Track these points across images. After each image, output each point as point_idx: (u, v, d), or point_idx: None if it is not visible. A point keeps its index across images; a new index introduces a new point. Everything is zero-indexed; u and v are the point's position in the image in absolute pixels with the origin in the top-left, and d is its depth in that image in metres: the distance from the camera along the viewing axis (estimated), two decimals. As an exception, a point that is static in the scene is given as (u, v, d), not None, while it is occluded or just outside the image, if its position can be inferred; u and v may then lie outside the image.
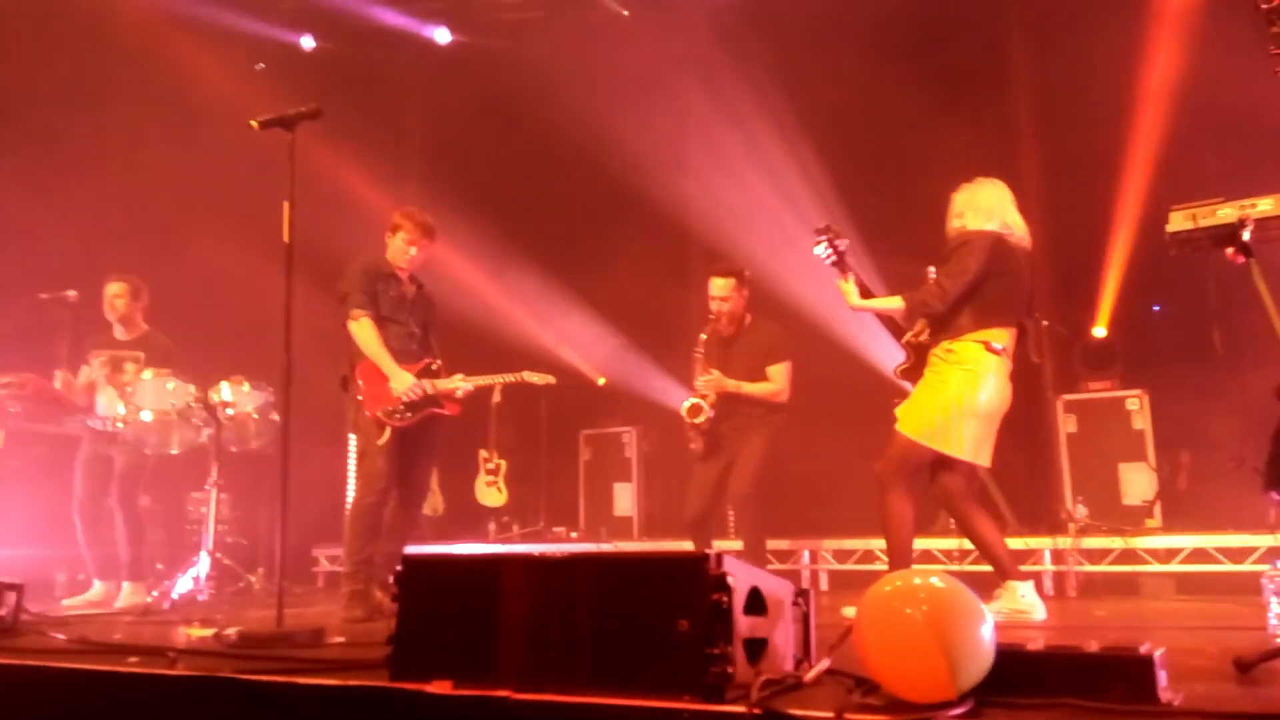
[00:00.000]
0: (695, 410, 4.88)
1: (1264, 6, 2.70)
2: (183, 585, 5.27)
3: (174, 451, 5.54)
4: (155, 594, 5.33)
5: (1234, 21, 2.93)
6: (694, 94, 7.55)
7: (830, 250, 4.07)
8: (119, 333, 5.68)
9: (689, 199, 7.92)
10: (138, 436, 5.39)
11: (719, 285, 4.94)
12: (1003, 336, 3.76)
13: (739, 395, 4.89)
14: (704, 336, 5.03)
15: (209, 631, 3.65)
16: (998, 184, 3.95)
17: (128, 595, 5.30)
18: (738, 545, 5.02)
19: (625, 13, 8.02)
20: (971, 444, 3.75)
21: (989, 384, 3.72)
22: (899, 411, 3.87)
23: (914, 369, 3.97)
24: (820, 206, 6.81)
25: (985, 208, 3.87)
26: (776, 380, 4.94)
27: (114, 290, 5.64)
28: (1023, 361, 5.73)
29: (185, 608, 5.01)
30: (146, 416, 5.36)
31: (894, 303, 3.96)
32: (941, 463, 3.81)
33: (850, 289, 4.05)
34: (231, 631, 3.26)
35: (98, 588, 5.46)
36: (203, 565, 5.23)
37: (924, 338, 3.96)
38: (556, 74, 8.07)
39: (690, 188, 7.88)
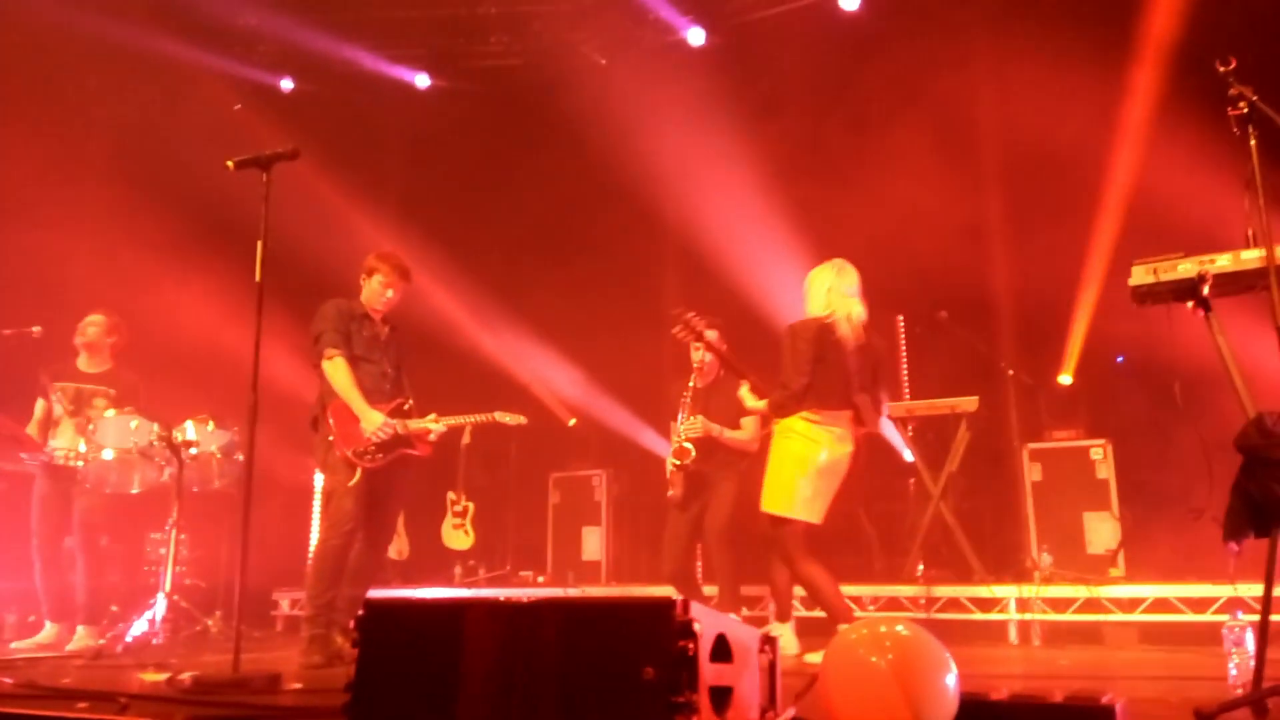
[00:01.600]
0: (683, 453, 4.93)
1: (1221, 69, 2.80)
2: (138, 628, 5.14)
3: (135, 491, 5.44)
4: (109, 637, 5.20)
5: (1198, 82, 3.02)
6: (671, 139, 7.65)
7: (686, 332, 4.64)
8: (84, 364, 5.60)
9: (664, 243, 8.00)
10: (98, 475, 5.30)
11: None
12: (818, 414, 4.19)
13: (718, 442, 4.97)
14: (691, 384, 5.12)
15: (163, 676, 3.57)
16: (834, 268, 4.37)
17: (81, 638, 5.17)
18: (713, 590, 5.03)
19: (603, 61, 8.15)
20: (801, 502, 4.16)
21: (808, 446, 4.17)
22: (763, 496, 4.27)
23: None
24: (793, 246, 6.91)
25: (815, 294, 4.32)
26: (748, 430, 5.03)
27: (92, 320, 5.59)
28: (987, 410, 5.84)
29: (140, 651, 4.88)
30: (108, 455, 5.28)
31: (763, 404, 4.42)
32: (774, 521, 4.22)
33: (746, 396, 4.51)
34: (186, 676, 3.20)
35: (49, 629, 5.32)
36: (159, 608, 5.11)
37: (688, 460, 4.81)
38: (534, 119, 8.18)
39: (666, 232, 7.96)
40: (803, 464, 4.18)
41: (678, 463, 4.94)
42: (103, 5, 6.73)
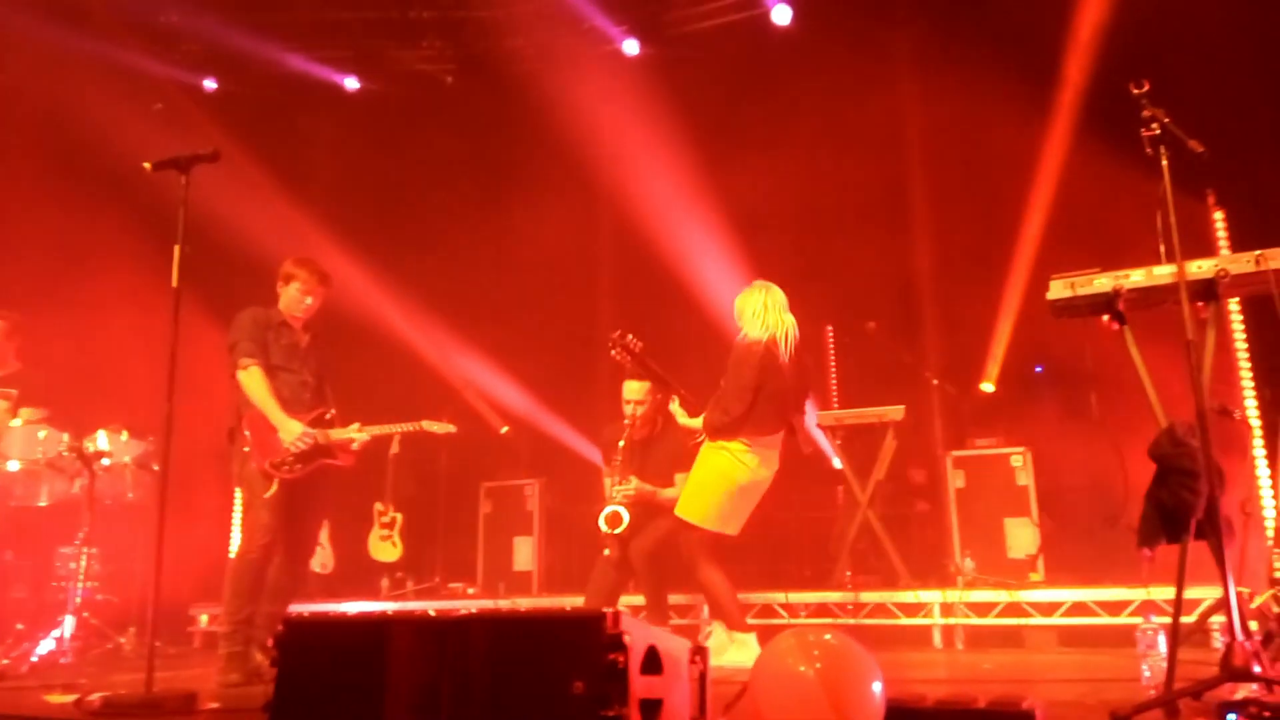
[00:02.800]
0: (615, 519, 4.77)
1: (1135, 91, 2.90)
2: (44, 647, 4.93)
3: (42, 503, 5.22)
4: (13, 656, 4.96)
5: (1113, 105, 3.13)
6: (604, 147, 7.66)
7: (623, 354, 4.56)
8: None
9: (598, 250, 8.00)
10: (3, 487, 5.07)
11: (634, 389, 4.93)
12: (756, 440, 4.25)
13: (652, 500, 4.85)
14: (622, 444, 4.95)
15: (71, 698, 3.42)
16: (764, 287, 4.43)
17: (-18, 658, 4.93)
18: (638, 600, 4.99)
19: (537, 68, 8.11)
20: (719, 517, 4.24)
21: (737, 465, 4.22)
22: (679, 503, 4.33)
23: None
24: (724, 257, 6.97)
25: (750, 313, 4.34)
26: (680, 487, 4.85)
27: None
28: (912, 418, 5.96)
29: (46, 671, 4.69)
30: (13, 466, 5.06)
31: (696, 423, 4.40)
32: (682, 525, 4.29)
33: (678, 412, 4.51)
34: (95, 697, 3.07)
35: (-51, 650, 5.06)
36: (68, 625, 4.90)
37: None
38: (465, 124, 8.11)
39: (599, 239, 7.96)
40: (728, 481, 4.23)
41: (610, 530, 4.78)
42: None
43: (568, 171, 7.61)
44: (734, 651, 4.15)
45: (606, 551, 4.85)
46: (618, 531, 4.77)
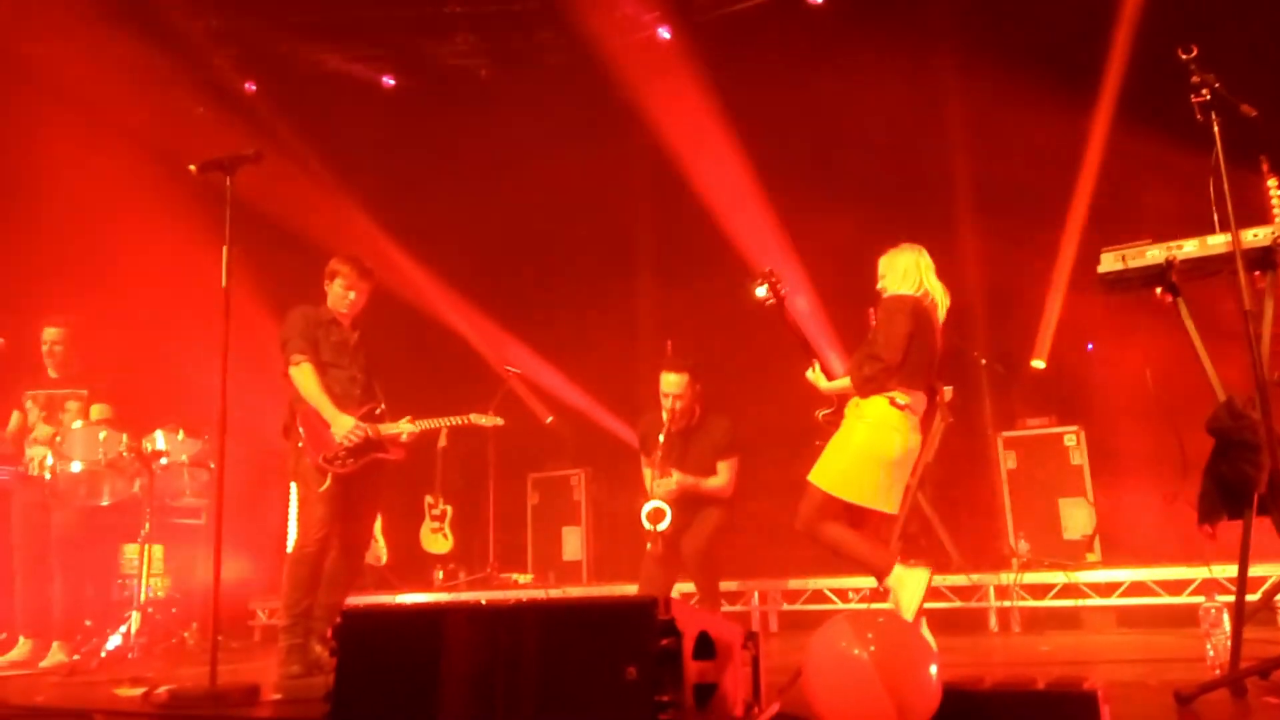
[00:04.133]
0: (658, 515, 4.77)
1: (1184, 56, 2.82)
2: (112, 642, 5.07)
3: (104, 503, 5.36)
4: (83, 652, 5.12)
5: (1163, 68, 3.05)
6: (642, 137, 7.65)
7: (770, 294, 4.28)
8: (54, 371, 5.52)
9: (642, 238, 8.00)
10: (67, 488, 5.22)
11: (672, 382, 4.89)
12: (907, 395, 3.96)
13: (695, 491, 4.86)
14: (662, 439, 4.91)
15: (138, 691, 3.52)
16: (916, 249, 4.20)
17: (55, 654, 5.08)
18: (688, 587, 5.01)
19: (565, 57, 8.11)
20: (878, 491, 3.93)
21: (892, 435, 3.93)
22: (814, 467, 4.01)
23: (836, 414, 4.21)
24: (766, 242, 6.92)
25: (902, 271, 4.11)
26: (723, 476, 4.94)
27: (52, 335, 5.50)
28: (960, 400, 5.87)
29: (114, 666, 4.82)
30: (76, 467, 5.20)
31: (845, 382, 4.13)
32: (854, 512, 3.97)
33: (818, 377, 4.27)
34: (162, 690, 3.15)
35: (23, 646, 5.24)
36: (134, 621, 5.04)
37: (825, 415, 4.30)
38: (501, 116, 8.14)
39: (643, 227, 7.96)
40: (874, 453, 3.93)
41: (652, 527, 4.76)
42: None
43: (609, 160, 7.61)
44: (905, 595, 3.77)
45: (649, 546, 4.84)
46: (660, 528, 4.75)
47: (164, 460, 5.40)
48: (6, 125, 6.76)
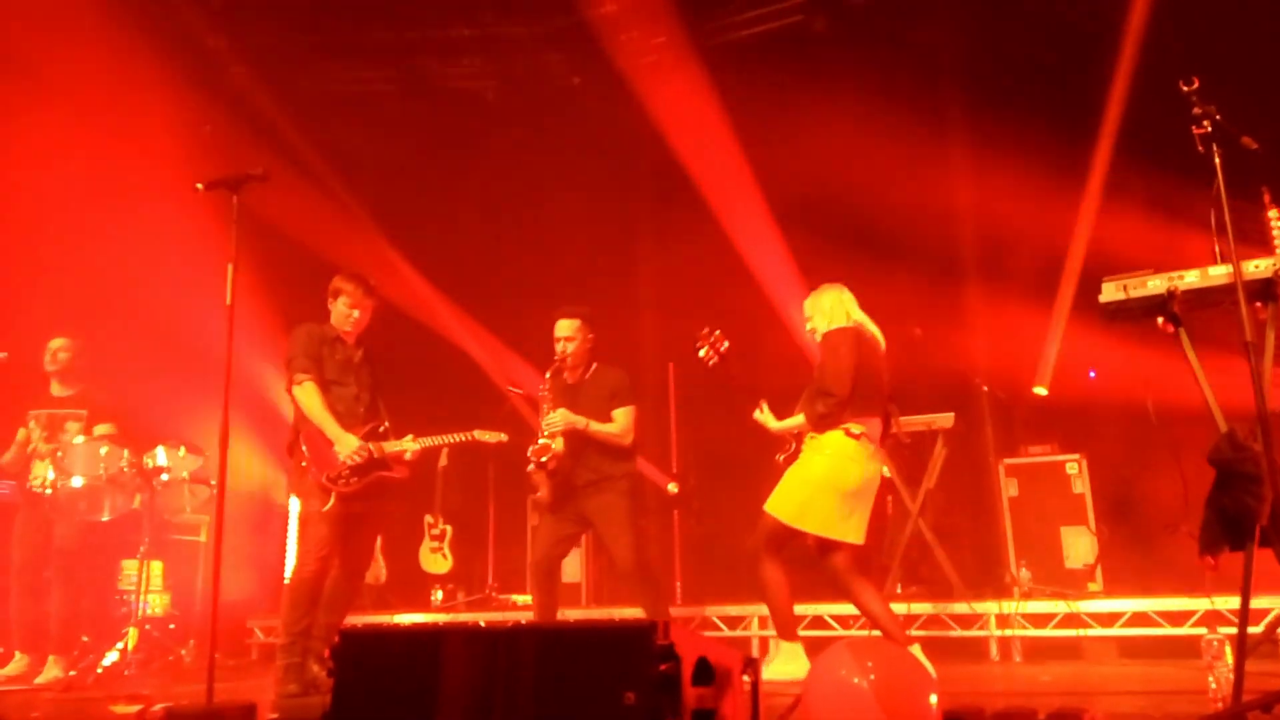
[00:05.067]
0: (543, 451, 4.62)
1: (1185, 89, 2.85)
2: (109, 659, 5.05)
3: (105, 518, 5.36)
4: (80, 668, 5.09)
5: (1160, 103, 3.08)
6: (644, 156, 7.71)
7: (711, 353, 4.41)
8: (57, 389, 5.54)
9: (644, 257, 8.03)
10: (68, 503, 5.22)
11: (564, 326, 4.80)
12: (861, 425, 4.03)
13: (586, 439, 4.68)
14: (548, 376, 4.77)
15: (134, 708, 3.51)
16: (836, 287, 4.32)
17: (51, 669, 5.06)
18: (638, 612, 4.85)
19: (576, 80, 8.18)
20: (838, 522, 3.97)
21: (850, 466, 3.99)
22: (771, 497, 4.08)
23: (794, 455, 4.25)
24: (773, 271, 6.95)
25: (828, 309, 4.22)
26: (620, 421, 4.72)
27: (58, 344, 5.52)
28: (962, 426, 5.88)
29: (111, 683, 4.80)
30: (77, 482, 5.20)
31: (799, 420, 4.20)
32: (822, 545, 4.04)
33: (767, 418, 4.31)
34: (158, 708, 3.14)
35: (19, 661, 5.21)
36: (131, 637, 5.02)
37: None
38: (507, 137, 8.20)
39: (645, 246, 8.00)
40: (833, 485, 3.99)
41: (538, 462, 4.61)
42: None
43: (615, 180, 7.66)
44: (780, 662, 4.02)
45: (538, 494, 4.75)
46: (545, 461, 4.60)
47: (165, 476, 5.40)
48: (13, 140, 6.80)
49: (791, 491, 4.03)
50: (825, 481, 3.98)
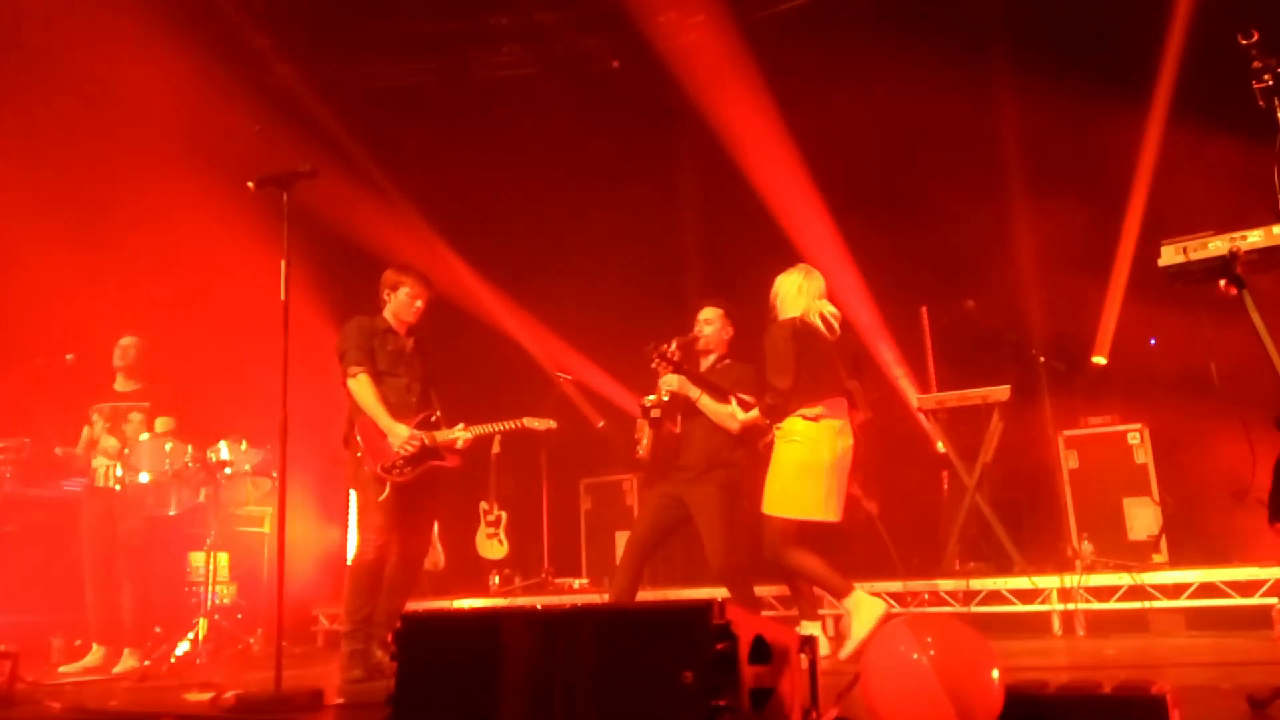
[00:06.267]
0: (655, 403, 4.64)
1: (1244, 42, 2.75)
2: (181, 648, 5.21)
3: (171, 513, 5.51)
4: (154, 658, 5.26)
5: (1218, 59, 2.98)
6: (686, 137, 7.67)
7: (666, 365, 4.49)
8: (121, 384, 5.69)
9: (691, 239, 8.01)
10: (136, 498, 5.37)
11: (707, 311, 4.83)
12: (815, 409, 4.16)
13: (697, 419, 4.60)
14: (675, 344, 4.64)
15: (207, 695, 3.61)
16: (803, 270, 4.40)
17: (127, 660, 5.23)
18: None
19: (615, 63, 8.16)
20: (821, 501, 4.13)
21: (819, 446, 4.14)
22: (763, 499, 4.22)
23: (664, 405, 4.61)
24: (817, 243, 6.88)
25: (784, 296, 4.35)
26: (739, 411, 4.51)
27: (128, 341, 5.67)
28: (1019, 398, 5.77)
29: (184, 671, 4.95)
30: (144, 478, 5.35)
31: (754, 413, 4.38)
32: (770, 520, 4.17)
33: (735, 410, 4.42)
34: (230, 695, 3.22)
35: (96, 653, 5.39)
36: (201, 628, 5.16)
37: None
38: (550, 123, 8.21)
39: (692, 229, 7.98)
40: (810, 467, 4.12)
41: (650, 402, 4.61)
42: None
43: (660, 163, 7.63)
44: (856, 622, 3.98)
45: (640, 452, 4.74)
46: (648, 402, 4.64)
47: (228, 470, 5.53)
48: (78, 145, 6.98)
49: (777, 486, 4.18)
50: (803, 465, 4.13)
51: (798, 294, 4.31)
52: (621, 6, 7.56)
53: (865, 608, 3.98)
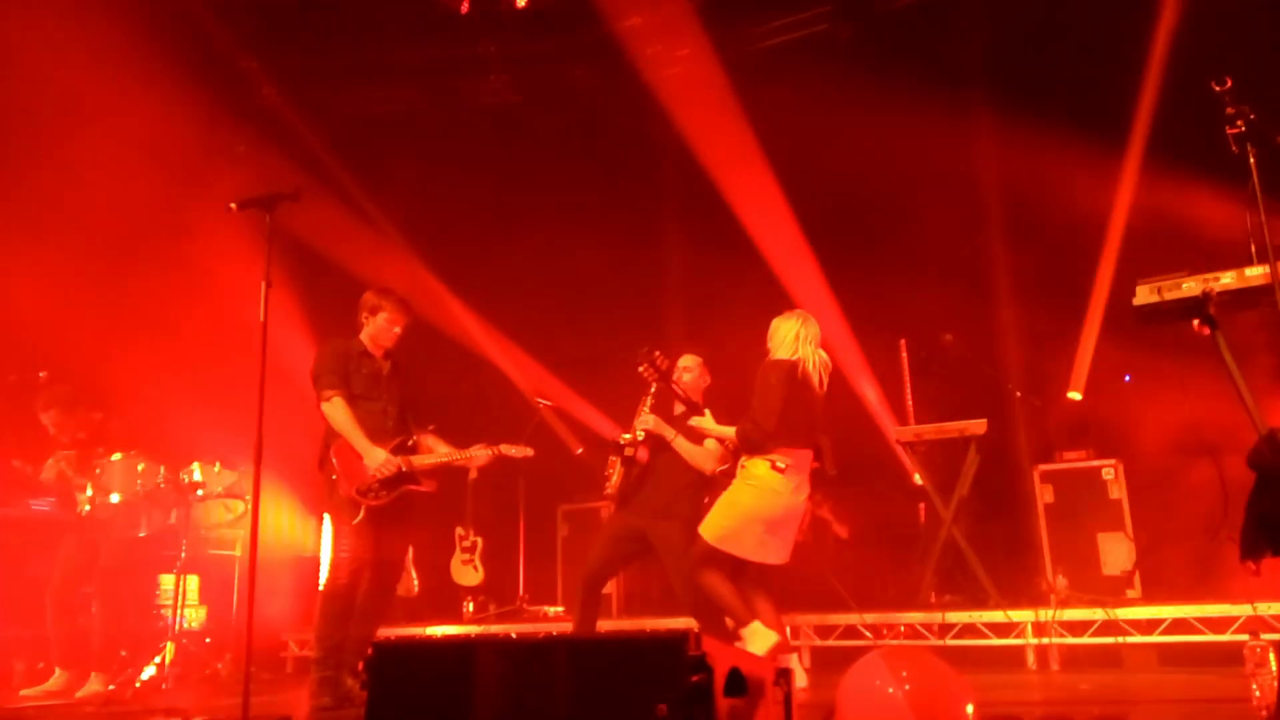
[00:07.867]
0: (630, 441, 4.71)
1: (1217, 89, 2.81)
2: (147, 673, 5.11)
3: (141, 534, 5.43)
4: (119, 682, 5.16)
5: (1191, 105, 3.04)
6: (671, 168, 7.73)
7: (652, 370, 4.53)
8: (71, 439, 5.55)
9: (671, 267, 8.05)
10: (107, 519, 5.30)
11: (687, 358, 4.92)
12: (788, 457, 4.22)
13: (668, 459, 4.68)
14: (654, 387, 4.71)
15: (172, 722, 3.54)
16: (799, 316, 4.46)
17: (92, 684, 5.13)
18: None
19: (601, 94, 8.23)
20: (758, 547, 4.23)
21: (774, 499, 4.22)
22: (704, 521, 4.30)
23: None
24: (799, 277, 6.93)
25: (781, 339, 4.40)
26: (710, 448, 4.64)
27: (48, 417, 5.48)
28: (995, 432, 5.82)
29: (149, 696, 4.86)
30: (115, 499, 5.28)
31: (728, 431, 4.39)
32: (734, 560, 4.26)
33: (706, 422, 4.47)
34: (196, 722, 3.16)
35: (59, 676, 5.29)
36: (169, 652, 5.08)
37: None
38: (532, 151, 8.26)
39: (672, 257, 8.02)
40: (758, 516, 4.22)
41: (626, 440, 4.66)
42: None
43: (642, 191, 7.68)
44: (751, 645, 4.09)
45: (608, 490, 4.81)
46: (624, 440, 4.70)
47: (200, 492, 5.47)
48: (49, 163, 6.93)
49: (720, 518, 4.26)
50: (751, 512, 4.22)
51: (795, 340, 4.38)
52: (608, 38, 7.64)
53: (759, 638, 4.09)
